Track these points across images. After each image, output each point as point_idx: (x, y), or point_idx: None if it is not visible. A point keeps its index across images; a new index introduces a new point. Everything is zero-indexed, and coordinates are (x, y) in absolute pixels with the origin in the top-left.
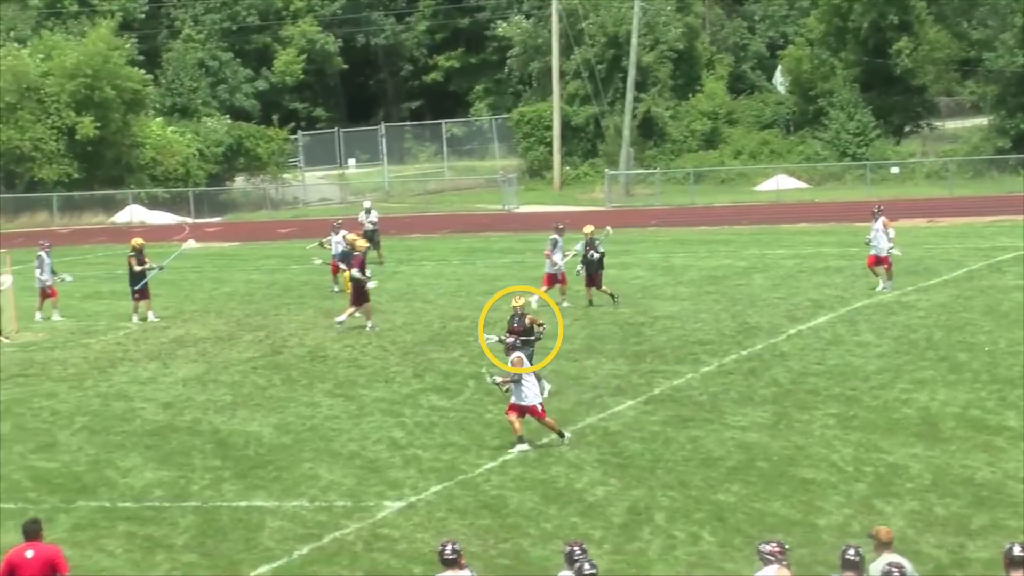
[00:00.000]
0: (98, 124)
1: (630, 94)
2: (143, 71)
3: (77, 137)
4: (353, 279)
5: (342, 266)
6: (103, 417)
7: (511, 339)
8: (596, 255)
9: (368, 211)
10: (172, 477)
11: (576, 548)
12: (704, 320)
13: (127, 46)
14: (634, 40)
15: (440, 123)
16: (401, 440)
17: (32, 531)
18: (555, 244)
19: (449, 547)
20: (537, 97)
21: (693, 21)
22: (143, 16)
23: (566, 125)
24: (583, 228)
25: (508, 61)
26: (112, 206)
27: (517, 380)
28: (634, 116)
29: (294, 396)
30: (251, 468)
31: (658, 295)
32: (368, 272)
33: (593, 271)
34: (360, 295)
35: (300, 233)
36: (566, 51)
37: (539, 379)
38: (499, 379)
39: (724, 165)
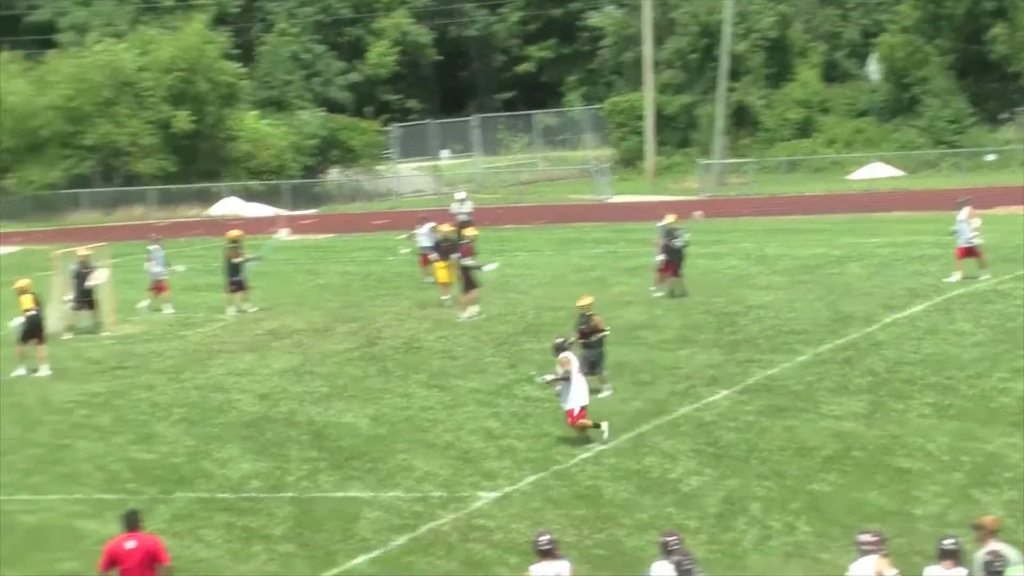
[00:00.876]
0: (194, 118)
1: (723, 83)
2: (238, 65)
3: (173, 131)
4: (464, 267)
5: (432, 256)
6: (201, 408)
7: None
8: (678, 244)
9: (461, 202)
10: (269, 468)
11: (672, 538)
12: (799, 309)
13: (221, 40)
14: (727, 29)
15: (533, 114)
16: (496, 430)
17: (132, 522)
18: (667, 233)
19: (545, 537)
20: (630, 87)
21: (786, 9)
22: (238, 10)
23: (659, 114)
24: (664, 218)
25: (600, 51)
26: (208, 199)
27: (567, 378)
28: (727, 105)
29: (389, 387)
30: (347, 459)
31: (752, 284)
32: (485, 265)
33: (675, 260)
34: (472, 282)
35: (394, 225)
36: (659, 40)
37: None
38: (548, 377)
39: (817, 154)
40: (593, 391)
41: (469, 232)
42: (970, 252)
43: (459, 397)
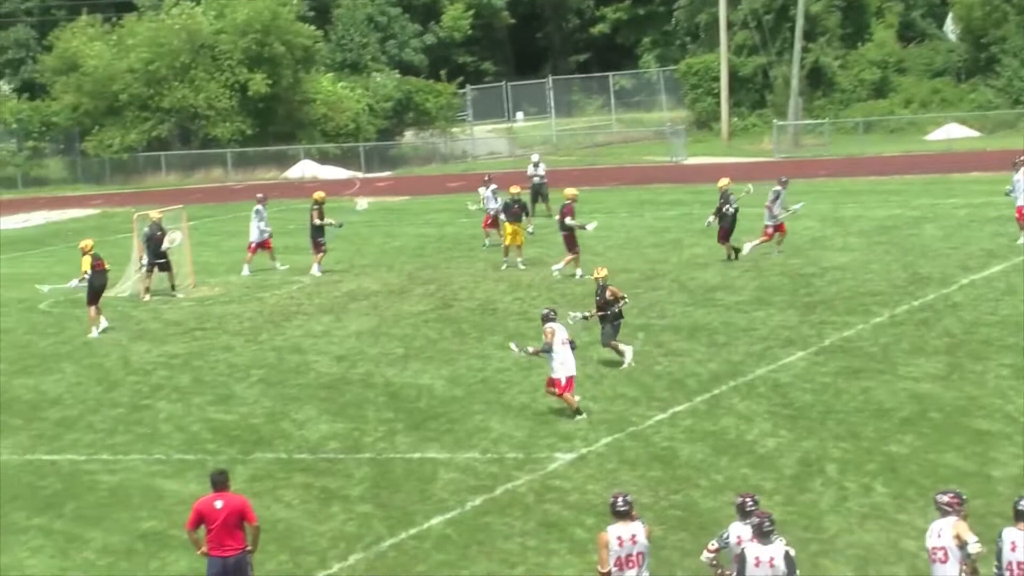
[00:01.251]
0: (269, 80)
1: (798, 44)
2: (313, 27)
3: (249, 94)
4: (567, 227)
5: (502, 218)
6: (278, 370)
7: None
8: (731, 210)
9: (536, 164)
10: (346, 429)
11: (748, 499)
12: (875, 271)
13: (295, 2)
14: None
15: (608, 75)
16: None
17: (220, 481)
18: (777, 196)
19: (621, 499)
20: (704, 48)
21: None
22: None
23: (734, 76)
24: (718, 182)
25: (675, 12)
26: (284, 161)
27: (548, 350)
28: (802, 66)
29: (465, 349)
30: (423, 420)
31: (828, 246)
32: (588, 225)
33: (727, 225)
34: (570, 243)
35: (469, 187)
36: (733, 1)
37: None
38: (531, 349)
39: (894, 114)
40: (616, 363)
41: (570, 192)
42: None
43: (534, 359)
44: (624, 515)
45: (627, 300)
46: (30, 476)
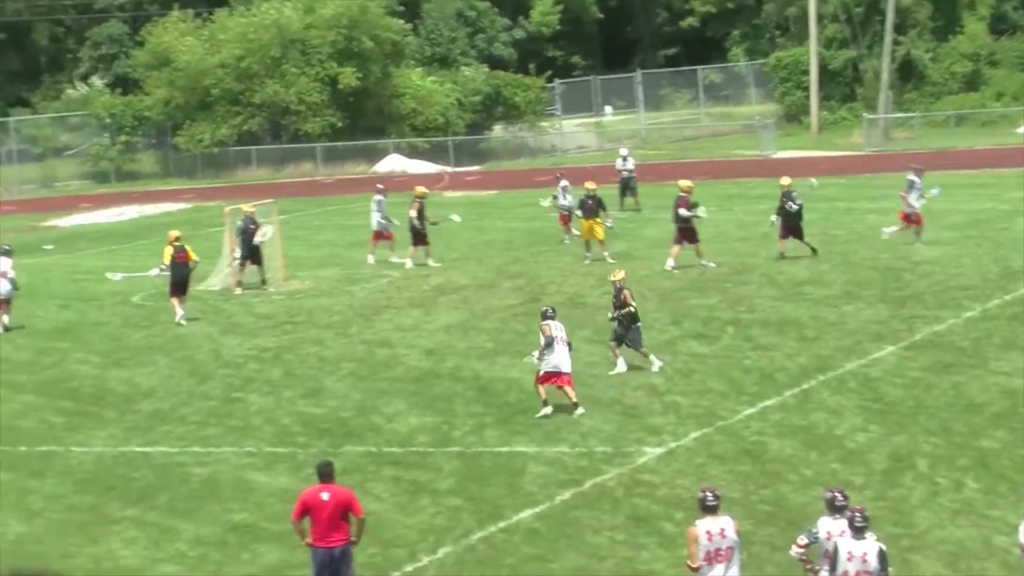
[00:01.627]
0: (359, 74)
1: (888, 37)
2: (403, 21)
3: (339, 87)
4: (683, 219)
5: (578, 213)
6: (368, 363)
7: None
8: (794, 207)
9: (625, 158)
10: (435, 423)
11: (838, 494)
12: (966, 265)
13: None
14: None
15: (696, 69)
16: (660, 387)
17: (326, 473)
18: (911, 185)
19: (710, 494)
20: (794, 41)
21: None
22: None
23: (823, 69)
24: (780, 180)
25: (765, 5)
26: (373, 155)
27: (549, 344)
28: (893, 59)
29: None
30: (512, 414)
31: (919, 240)
32: (698, 211)
33: (792, 223)
34: (689, 234)
35: (557, 181)
36: None
37: (570, 348)
38: (536, 353)
39: (986, 108)
40: (636, 367)
41: (685, 184)
42: None
43: (623, 353)
44: (714, 510)
45: (633, 308)
46: (124, 468)
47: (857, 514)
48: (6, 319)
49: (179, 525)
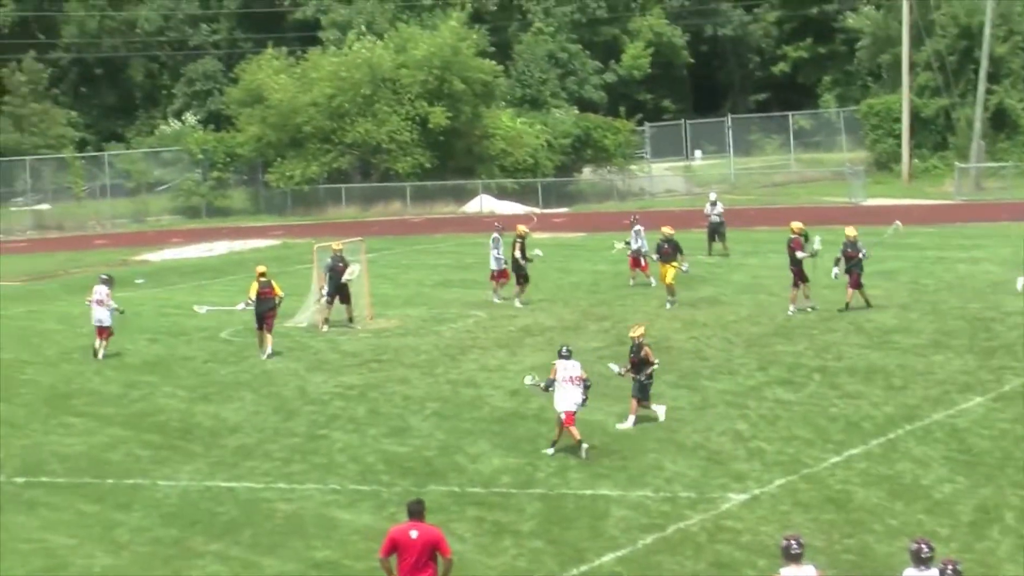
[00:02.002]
0: (449, 114)
1: (982, 86)
2: (494, 62)
3: (429, 127)
4: (797, 261)
5: (654, 257)
6: (453, 403)
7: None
8: (862, 256)
9: (713, 203)
10: (519, 464)
11: (924, 546)
12: None
13: (475, 36)
14: (987, 31)
15: (787, 115)
16: (745, 432)
17: (416, 511)
18: None
19: (794, 542)
20: (886, 89)
21: None
22: (495, 8)
23: (915, 117)
24: (846, 230)
25: (857, 52)
26: (462, 196)
27: (549, 386)
28: (986, 108)
29: None
30: (596, 457)
31: (1010, 291)
32: (815, 244)
33: (858, 272)
34: (800, 275)
35: (646, 224)
36: (916, 42)
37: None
38: (540, 383)
39: None
40: (647, 419)
41: (797, 226)
42: None
43: (708, 398)
44: (797, 558)
45: (658, 365)
46: (209, 502)
47: (948, 565)
48: (101, 347)
49: (262, 561)
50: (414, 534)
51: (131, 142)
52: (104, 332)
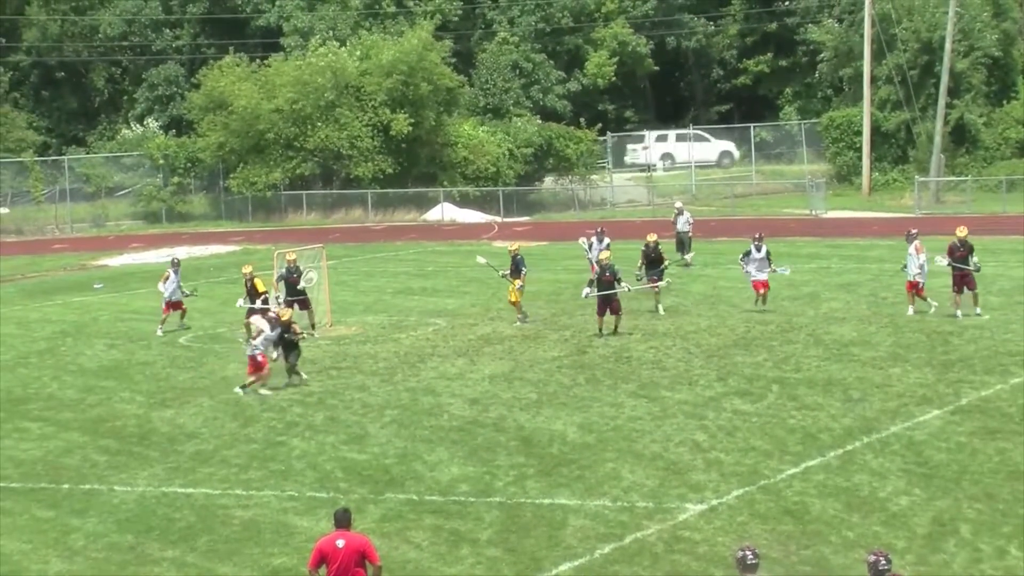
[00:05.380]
0: (412, 121)
1: (942, 100)
2: (456, 71)
3: (392, 134)
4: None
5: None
6: (412, 411)
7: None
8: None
9: (680, 212)
10: (477, 473)
11: (882, 559)
12: (1014, 331)
13: (441, 45)
14: (948, 46)
15: (748, 127)
16: (703, 443)
17: (343, 520)
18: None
19: (750, 553)
20: (847, 102)
21: (1010, 27)
22: (457, 18)
23: (876, 131)
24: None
25: (819, 66)
26: (424, 204)
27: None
28: (946, 122)
29: (598, 396)
30: (555, 466)
31: (967, 304)
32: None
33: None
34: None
35: (607, 234)
36: (878, 56)
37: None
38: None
39: None
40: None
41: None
42: (913, 286)
43: (667, 408)
44: (753, 568)
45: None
46: (165, 508)
47: (883, 558)
48: (179, 324)
49: (219, 567)
50: (340, 543)
51: (92, 146)
52: (175, 306)
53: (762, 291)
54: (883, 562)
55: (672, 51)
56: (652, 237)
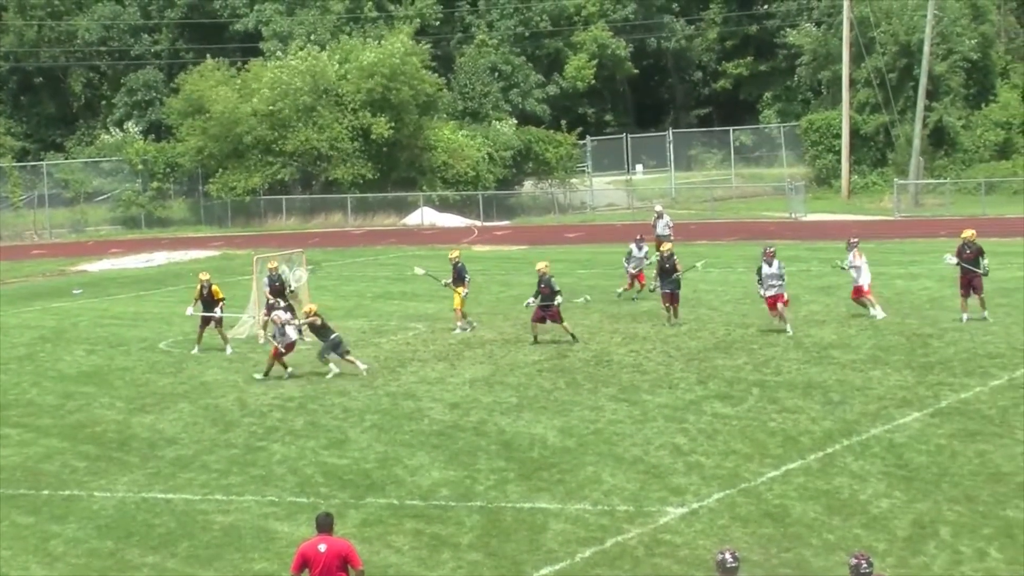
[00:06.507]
0: (392, 125)
1: (921, 103)
2: (436, 75)
3: (372, 137)
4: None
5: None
6: (392, 416)
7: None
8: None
9: (660, 215)
10: (458, 477)
11: (863, 561)
12: (994, 333)
13: (420, 49)
14: (926, 49)
15: (728, 130)
16: (684, 446)
17: (325, 524)
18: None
19: (730, 556)
20: (827, 105)
21: (988, 30)
22: (437, 22)
23: (855, 133)
24: (964, 232)
25: (798, 69)
26: (403, 208)
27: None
28: (925, 125)
29: (578, 400)
30: (535, 470)
31: (946, 307)
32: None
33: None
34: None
35: (587, 238)
36: (857, 59)
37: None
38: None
39: (1017, 176)
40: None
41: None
42: (859, 291)
43: (648, 411)
44: (733, 571)
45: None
46: (145, 514)
47: (864, 561)
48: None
49: (199, 573)
50: (322, 548)
51: (71, 152)
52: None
53: (780, 306)
54: (864, 565)
55: (652, 54)
56: (667, 247)
